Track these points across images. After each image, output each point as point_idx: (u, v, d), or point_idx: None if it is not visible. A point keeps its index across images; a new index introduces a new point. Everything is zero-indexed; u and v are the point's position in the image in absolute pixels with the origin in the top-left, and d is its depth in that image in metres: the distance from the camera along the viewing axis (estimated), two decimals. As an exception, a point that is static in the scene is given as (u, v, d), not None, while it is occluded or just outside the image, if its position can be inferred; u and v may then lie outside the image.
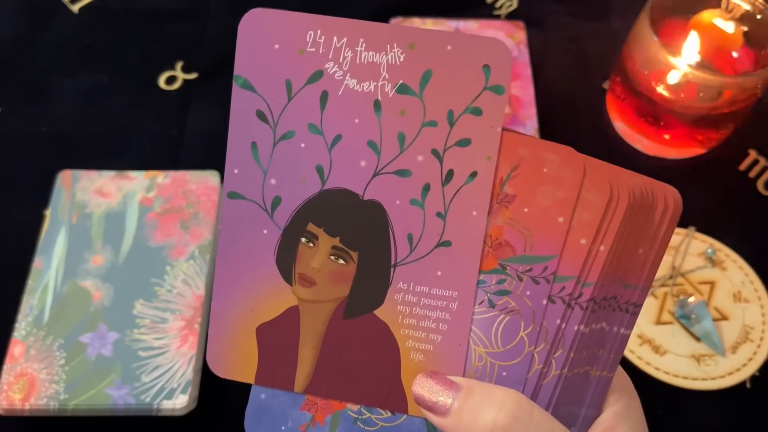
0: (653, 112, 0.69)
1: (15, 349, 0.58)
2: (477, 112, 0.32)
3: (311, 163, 0.34)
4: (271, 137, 0.34)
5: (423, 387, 0.34)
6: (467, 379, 0.34)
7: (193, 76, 0.79)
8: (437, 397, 0.33)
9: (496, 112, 0.32)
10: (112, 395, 0.56)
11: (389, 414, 0.36)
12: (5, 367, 0.58)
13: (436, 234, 0.33)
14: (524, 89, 0.76)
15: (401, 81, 0.32)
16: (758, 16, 0.68)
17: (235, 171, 0.34)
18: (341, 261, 0.34)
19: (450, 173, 0.33)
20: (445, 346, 0.34)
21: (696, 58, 0.67)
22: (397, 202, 0.33)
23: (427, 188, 0.33)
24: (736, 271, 0.67)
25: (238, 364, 0.36)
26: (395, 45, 0.32)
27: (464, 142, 0.32)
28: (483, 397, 0.32)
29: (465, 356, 0.34)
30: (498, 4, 0.85)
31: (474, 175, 0.33)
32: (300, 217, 0.34)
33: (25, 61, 0.80)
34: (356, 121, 0.33)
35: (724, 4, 0.69)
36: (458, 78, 0.32)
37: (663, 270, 0.66)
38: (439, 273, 0.34)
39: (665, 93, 0.67)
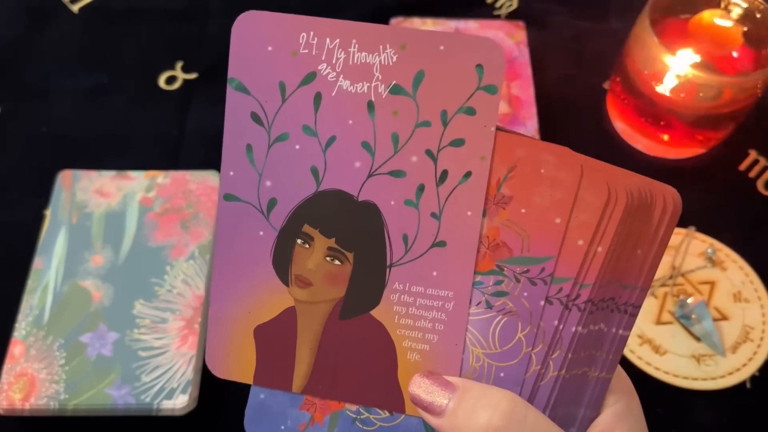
0: (653, 112, 0.69)
1: (15, 349, 0.58)
2: (470, 111, 0.32)
3: (306, 165, 0.34)
4: (266, 139, 0.34)
5: (419, 387, 0.34)
6: (463, 380, 0.34)
7: (193, 76, 0.79)
8: (433, 397, 0.33)
9: (489, 112, 0.32)
10: (112, 395, 0.56)
11: (387, 414, 0.36)
12: (5, 367, 0.58)
13: (431, 234, 0.33)
14: (524, 89, 0.76)
15: (394, 81, 0.32)
16: (758, 16, 0.68)
17: (231, 173, 0.35)
18: (337, 262, 0.35)
19: (444, 173, 0.33)
20: (441, 346, 0.34)
21: (696, 58, 0.67)
22: (392, 202, 0.33)
23: (421, 189, 0.33)
24: (736, 271, 0.67)
25: (237, 365, 0.37)
26: (388, 46, 0.32)
27: (458, 142, 0.32)
28: (478, 399, 0.32)
29: (461, 356, 0.34)
30: (498, 4, 0.85)
31: (468, 175, 0.33)
32: (295, 219, 0.34)
33: (25, 61, 0.80)
34: (350, 122, 0.33)
35: (723, 4, 0.69)
36: (451, 78, 0.32)
37: (663, 270, 0.66)
38: (434, 273, 0.34)
39: (665, 93, 0.67)
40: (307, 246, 0.35)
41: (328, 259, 0.35)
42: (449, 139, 0.33)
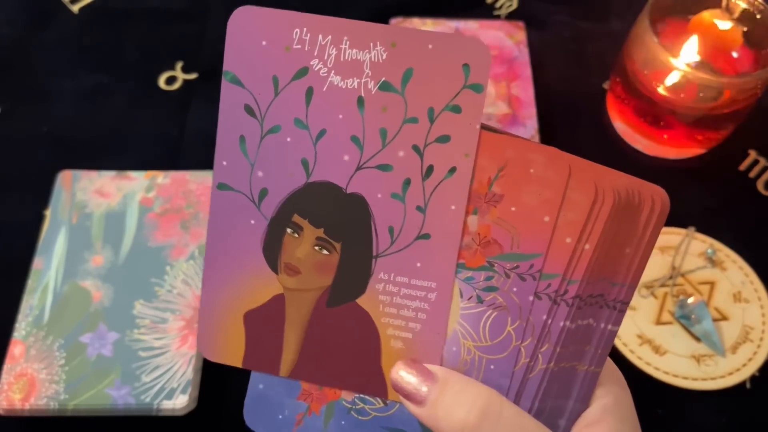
0: (653, 112, 0.69)
1: (15, 349, 0.58)
2: (456, 109, 0.33)
3: (297, 157, 0.35)
4: (259, 131, 0.35)
5: (401, 374, 0.34)
6: (444, 369, 0.34)
7: (193, 76, 0.79)
8: (414, 386, 0.34)
9: (474, 110, 0.33)
10: (112, 395, 0.57)
11: (382, 404, 0.36)
12: (5, 367, 0.58)
13: (416, 227, 0.34)
14: (524, 89, 0.76)
15: (384, 78, 0.33)
16: (758, 16, 0.68)
17: (224, 163, 0.36)
18: (325, 251, 0.35)
19: (430, 168, 0.33)
20: (423, 334, 0.35)
21: (696, 58, 0.67)
22: (379, 195, 0.34)
23: (407, 183, 0.34)
24: (736, 271, 0.66)
25: (227, 349, 0.38)
26: (378, 43, 0.33)
27: (444, 139, 0.33)
28: (456, 394, 0.33)
29: (443, 345, 0.35)
30: (498, 4, 0.85)
31: (453, 170, 0.33)
32: (286, 209, 0.35)
33: (25, 61, 0.80)
34: (340, 116, 0.34)
35: (724, 4, 0.69)
36: (438, 76, 0.33)
37: (663, 270, 0.66)
38: (418, 264, 0.34)
39: (665, 93, 0.67)
40: (296, 235, 0.35)
41: (316, 248, 0.35)
42: (435, 136, 0.33)
